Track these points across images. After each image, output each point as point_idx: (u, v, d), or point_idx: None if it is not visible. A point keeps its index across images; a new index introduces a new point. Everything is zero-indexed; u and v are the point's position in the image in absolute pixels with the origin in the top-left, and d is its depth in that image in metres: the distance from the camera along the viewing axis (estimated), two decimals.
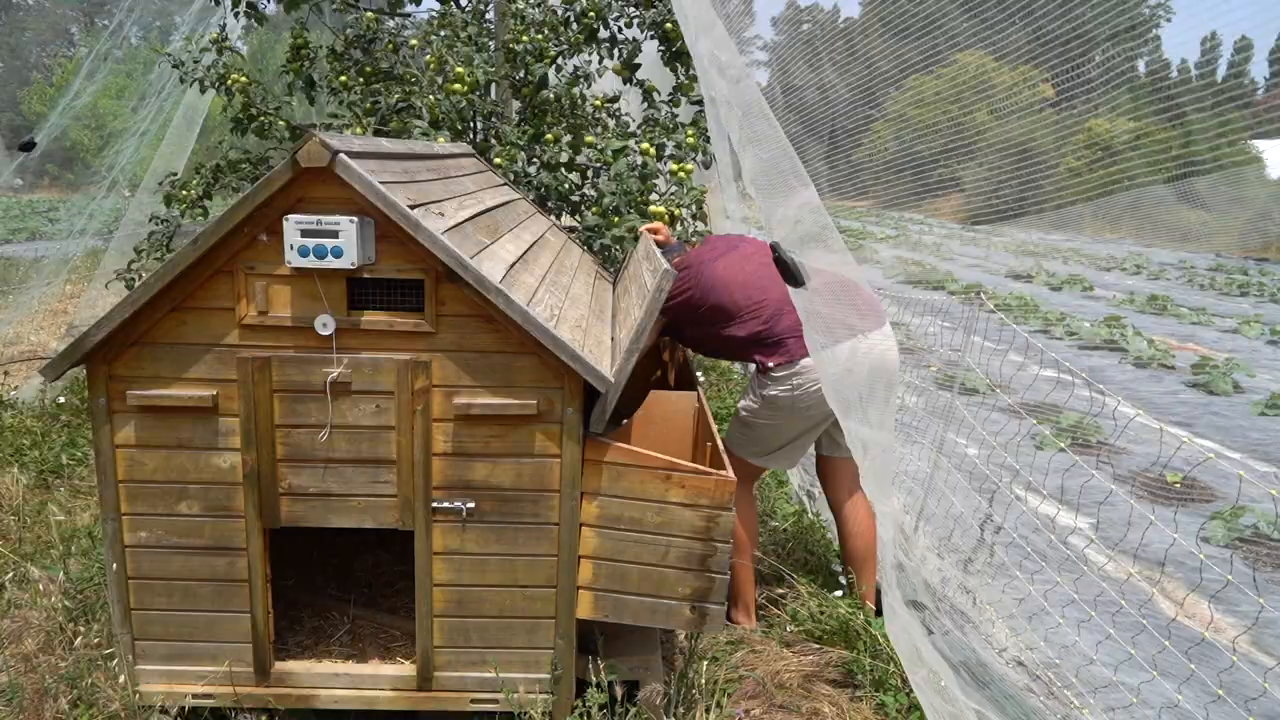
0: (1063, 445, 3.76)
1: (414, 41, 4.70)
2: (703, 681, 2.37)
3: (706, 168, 4.40)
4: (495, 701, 2.19)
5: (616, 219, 4.00)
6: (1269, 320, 10.89)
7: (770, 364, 2.80)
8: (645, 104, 4.49)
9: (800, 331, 2.76)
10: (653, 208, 4.05)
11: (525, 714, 2.16)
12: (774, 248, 2.24)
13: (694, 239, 4.05)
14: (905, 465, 3.90)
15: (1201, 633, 2.98)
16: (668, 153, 4.22)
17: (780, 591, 3.13)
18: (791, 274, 2.19)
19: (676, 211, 4.04)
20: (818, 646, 2.82)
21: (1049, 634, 2.97)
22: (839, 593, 3.01)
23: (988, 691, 2.51)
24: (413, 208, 1.96)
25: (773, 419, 2.86)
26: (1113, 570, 3.57)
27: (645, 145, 4.19)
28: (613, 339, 2.49)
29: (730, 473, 2.14)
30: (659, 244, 3.33)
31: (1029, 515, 3.86)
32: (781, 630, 2.93)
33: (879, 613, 2.90)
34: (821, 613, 2.89)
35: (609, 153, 4.07)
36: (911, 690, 2.58)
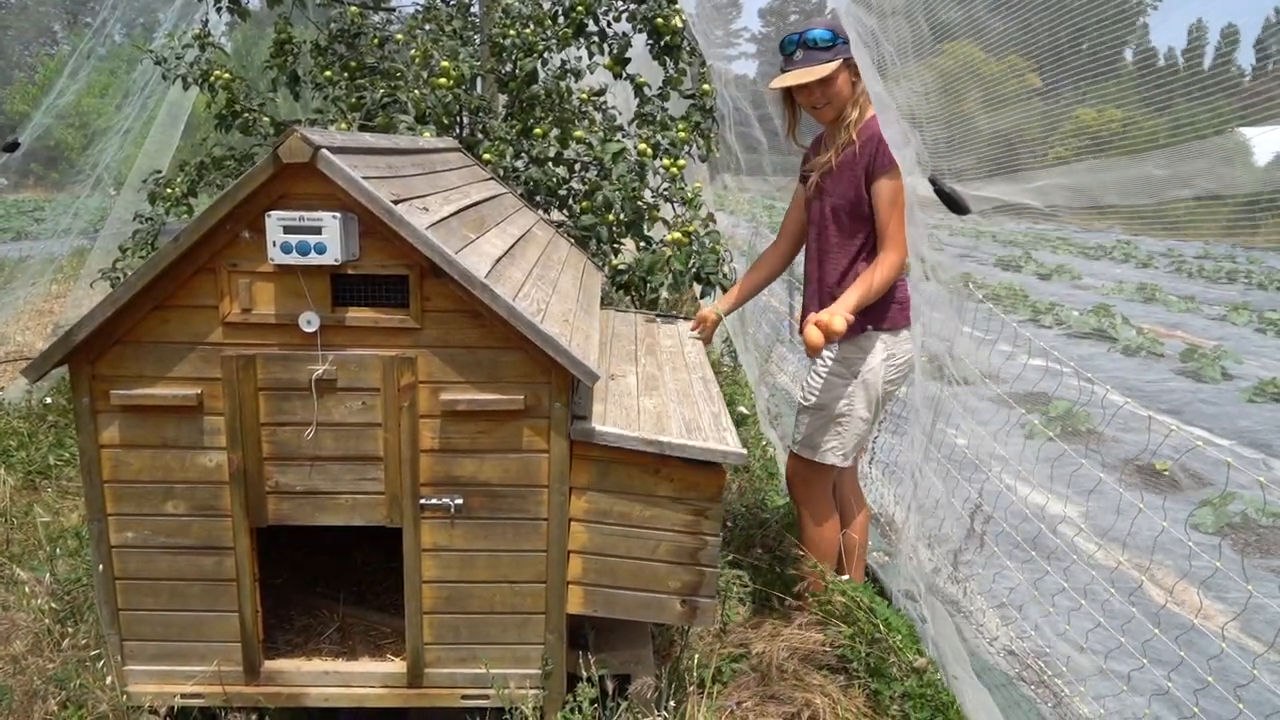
0: (1051, 435, 3.77)
1: (399, 36, 4.68)
2: (695, 675, 2.37)
3: (704, 160, 4.39)
4: (486, 697, 2.19)
5: (610, 215, 3.99)
6: (1257, 307, 10.95)
7: (898, 324, 2.64)
8: (637, 99, 4.47)
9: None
10: (672, 234, 4.02)
11: (516, 709, 2.15)
12: (933, 180, 2.18)
13: (708, 235, 4.02)
14: (895, 456, 3.91)
15: (1191, 620, 3.00)
16: (661, 149, 4.20)
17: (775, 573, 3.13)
18: (957, 204, 2.13)
19: (690, 228, 4.02)
20: (819, 625, 2.82)
21: (1039, 622, 2.98)
22: (845, 576, 3.00)
23: (980, 680, 2.52)
24: (396, 203, 1.94)
25: (868, 404, 2.67)
26: (1102, 559, 3.59)
27: (643, 145, 4.17)
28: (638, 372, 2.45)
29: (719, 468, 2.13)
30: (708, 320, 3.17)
31: (1018, 504, 3.87)
32: (780, 613, 2.94)
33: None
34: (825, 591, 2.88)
35: (608, 155, 4.05)
36: (906, 678, 2.59)
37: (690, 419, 2.24)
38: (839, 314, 2.46)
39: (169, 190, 4.64)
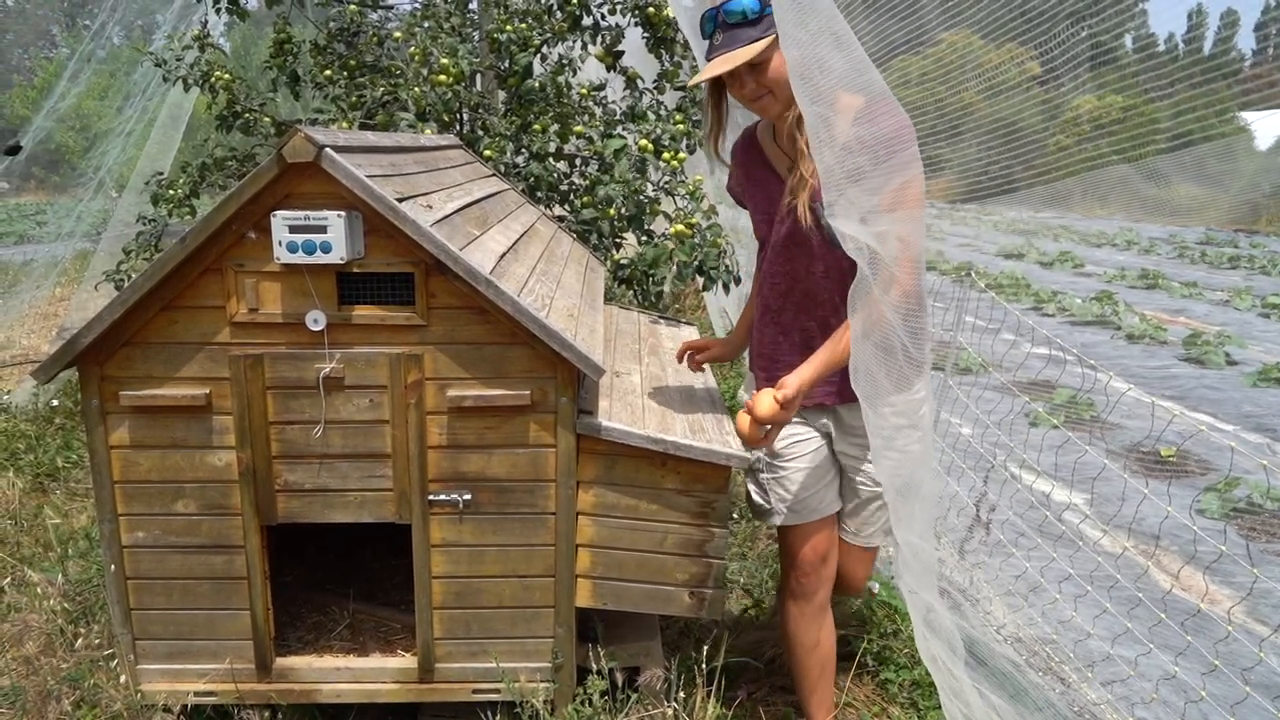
0: (1056, 423, 3.77)
1: (397, 34, 4.68)
2: (704, 666, 2.38)
3: (691, 153, 4.39)
4: (497, 691, 2.20)
5: (611, 210, 3.99)
6: (1259, 292, 10.93)
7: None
8: (627, 90, 4.47)
9: None
10: (675, 227, 4.01)
11: (526, 703, 2.17)
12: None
13: (709, 228, 4.01)
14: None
15: (1197, 604, 3.01)
16: (661, 143, 4.21)
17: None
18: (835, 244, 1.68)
19: (693, 221, 4.02)
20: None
21: (1046, 610, 2.99)
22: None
23: (986, 669, 2.53)
24: (400, 201, 1.95)
25: None
26: (1108, 545, 3.59)
27: (644, 142, 4.18)
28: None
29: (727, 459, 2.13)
30: (700, 349, 2.43)
31: (1024, 493, 3.88)
32: None
33: None
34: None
35: (610, 151, 4.05)
36: (915, 666, 2.60)
37: (694, 420, 2.25)
38: (771, 393, 1.92)
39: (171, 192, 4.65)
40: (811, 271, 2.07)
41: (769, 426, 1.97)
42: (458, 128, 4.48)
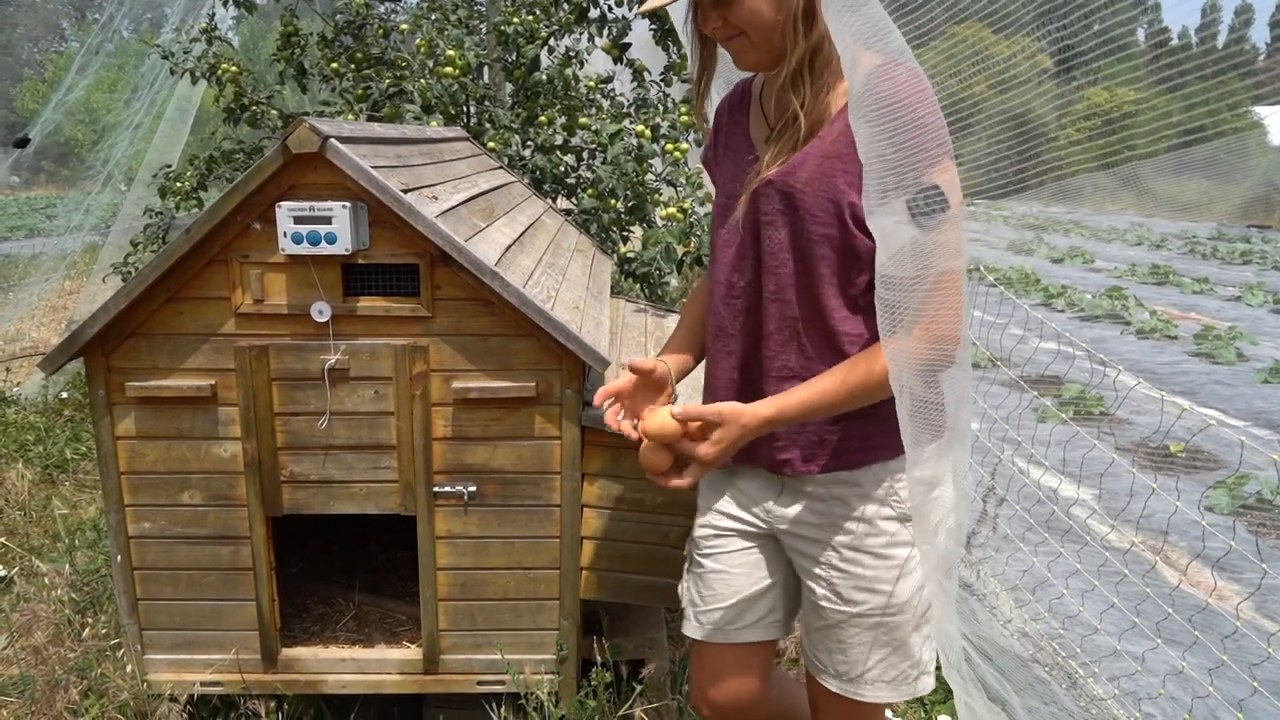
0: (1065, 418, 3.75)
1: (404, 26, 4.68)
2: None
3: (699, 145, 4.38)
4: (501, 683, 2.21)
5: (613, 201, 3.98)
6: (1271, 288, 10.85)
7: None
8: (635, 83, 4.46)
9: None
10: (665, 210, 4.01)
11: (531, 695, 2.17)
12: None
13: (707, 216, 4.00)
14: None
15: (1205, 600, 2.99)
16: (662, 133, 4.19)
17: None
18: None
19: (686, 205, 4.00)
20: None
21: (1053, 605, 2.98)
22: None
23: (992, 664, 2.52)
24: (406, 192, 1.95)
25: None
26: (1116, 540, 3.58)
27: (640, 127, 4.17)
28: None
29: None
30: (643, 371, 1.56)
31: (1032, 487, 3.86)
32: None
33: None
34: None
35: (605, 135, 4.05)
36: None
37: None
38: (739, 409, 1.38)
39: (179, 185, 4.67)
40: (766, 285, 1.49)
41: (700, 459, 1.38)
42: (464, 120, 4.47)
